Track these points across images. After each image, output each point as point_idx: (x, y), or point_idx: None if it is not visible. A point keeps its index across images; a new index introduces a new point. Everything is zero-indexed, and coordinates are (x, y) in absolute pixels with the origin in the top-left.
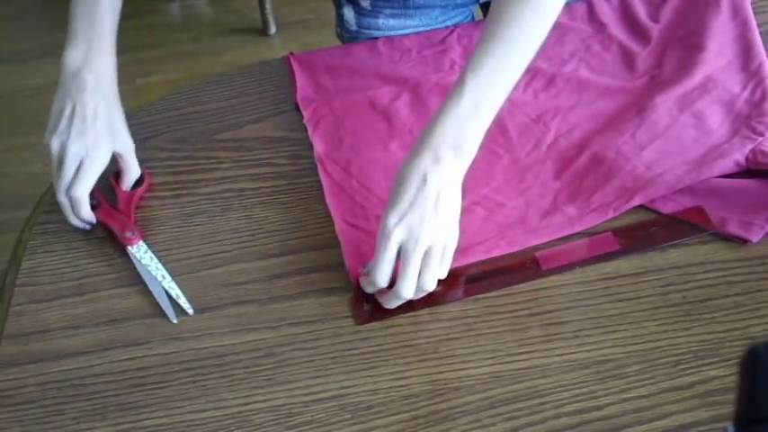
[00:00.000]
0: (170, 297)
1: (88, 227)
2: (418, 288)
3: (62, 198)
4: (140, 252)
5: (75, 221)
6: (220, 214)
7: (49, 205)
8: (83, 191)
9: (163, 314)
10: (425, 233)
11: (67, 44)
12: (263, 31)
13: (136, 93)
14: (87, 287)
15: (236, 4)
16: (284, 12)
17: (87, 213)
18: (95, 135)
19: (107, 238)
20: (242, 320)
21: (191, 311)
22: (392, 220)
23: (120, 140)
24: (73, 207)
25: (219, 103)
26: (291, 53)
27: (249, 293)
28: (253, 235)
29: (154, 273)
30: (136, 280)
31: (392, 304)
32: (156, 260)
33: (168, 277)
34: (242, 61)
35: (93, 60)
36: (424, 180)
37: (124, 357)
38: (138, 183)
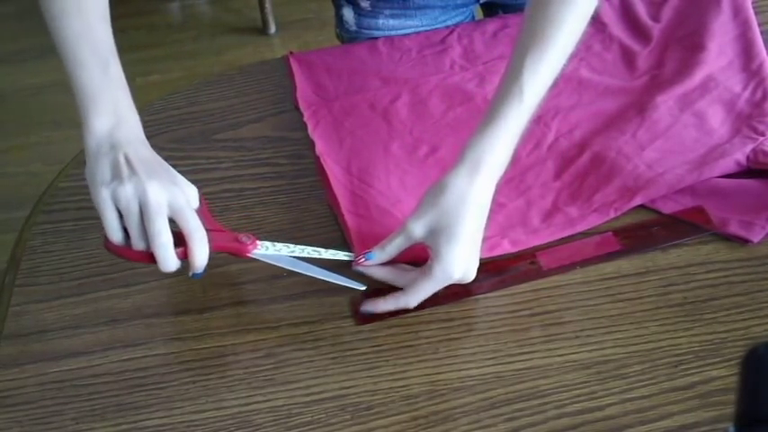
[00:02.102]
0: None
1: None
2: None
3: (155, 249)
4: (270, 249)
5: (171, 266)
6: (220, 214)
7: (48, 205)
8: (159, 230)
9: (163, 314)
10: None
11: (89, 110)
12: (262, 30)
13: (135, 92)
14: (87, 287)
15: (235, 3)
16: (284, 11)
17: (174, 261)
18: (147, 173)
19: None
20: (242, 320)
21: (362, 287)
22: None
23: (183, 185)
24: (158, 259)
25: (219, 102)
26: (291, 53)
27: (249, 293)
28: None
29: (299, 258)
30: (136, 280)
31: (385, 307)
32: (291, 246)
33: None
34: (242, 61)
35: (124, 121)
36: (480, 207)
37: (124, 357)
38: None
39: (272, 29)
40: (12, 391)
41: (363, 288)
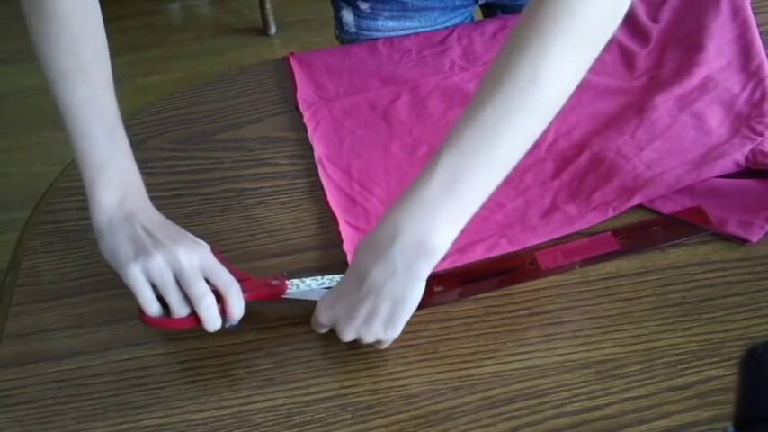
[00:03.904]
0: None
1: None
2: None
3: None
4: (300, 286)
5: (217, 325)
6: (220, 214)
7: (49, 205)
8: (202, 293)
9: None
10: (349, 333)
11: (96, 183)
12: (263, 31)
13: (136, 92)
14: (87, 287)
15: (236, 4)
16: (284, 12)
17: (219, 319)
18: (171, 239)
19: None
20: (242, 320)
21: None
22: (324, 305)
23: (200, 242)
24: (204, 321)
25: (219, 103)
26: (291, 53)
27: None
28: (253, 235)
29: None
30: None
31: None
32: (319, 279)
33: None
34: (242, 61)
35: (132, 190)
36: (372, 287)
37: (124, 357)
38: None
39: (273, 29)
40: (13, 391)
41: None
